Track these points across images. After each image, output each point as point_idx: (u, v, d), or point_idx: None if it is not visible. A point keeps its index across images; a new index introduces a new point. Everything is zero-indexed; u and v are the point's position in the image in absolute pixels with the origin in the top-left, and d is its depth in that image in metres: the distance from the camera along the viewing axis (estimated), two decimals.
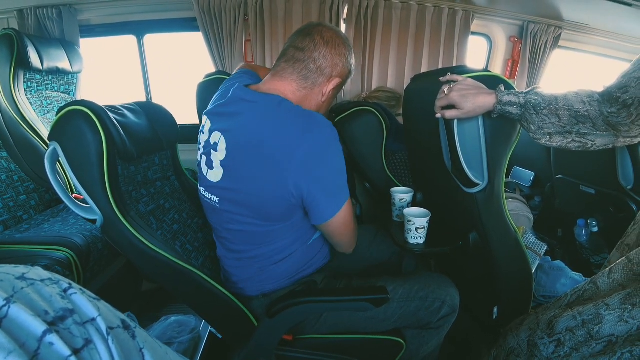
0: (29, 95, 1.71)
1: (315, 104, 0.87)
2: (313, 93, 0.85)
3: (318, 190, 0.76)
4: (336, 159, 0.76)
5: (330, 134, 0.75)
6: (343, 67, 0.86)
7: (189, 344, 1.25)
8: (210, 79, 1.46)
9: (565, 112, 0.74)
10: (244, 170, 0.76)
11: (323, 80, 0.84)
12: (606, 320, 0.71)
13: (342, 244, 0.89)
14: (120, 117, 0.78)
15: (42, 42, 1.72)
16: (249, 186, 0.76)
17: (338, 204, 0.80)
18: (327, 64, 0.83)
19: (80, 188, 0.70)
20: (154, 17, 2.06)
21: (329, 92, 0.87)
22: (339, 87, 0.89)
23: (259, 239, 0.84)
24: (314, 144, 0.73)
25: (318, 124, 0.75)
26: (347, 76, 0.90)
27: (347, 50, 0.87)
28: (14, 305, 0.26)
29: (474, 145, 0.85)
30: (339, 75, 0.86)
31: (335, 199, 0.79)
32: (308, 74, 0.83)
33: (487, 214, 0.91)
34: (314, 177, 0.74)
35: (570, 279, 1.39)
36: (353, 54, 0.89)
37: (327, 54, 0.83)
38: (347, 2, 1.93)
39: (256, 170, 0.74)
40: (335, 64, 0.84)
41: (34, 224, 1.42)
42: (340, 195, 0.80)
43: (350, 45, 0.88)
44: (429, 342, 0.95)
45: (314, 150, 0.73)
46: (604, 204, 1.43)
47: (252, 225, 0.81)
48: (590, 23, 1.98)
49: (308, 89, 0.84)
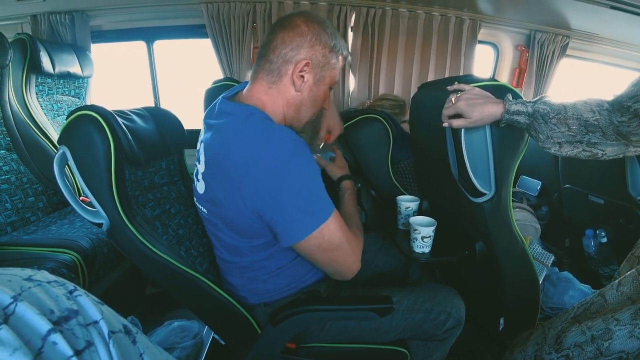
0: (40, 99, 1.74)
1: (291, 98, 0.79)
2: (282, 85, 0.78)
3: (278, 212, 0.69)
4: (296, 176, 0.68)
5: (288, 150, 0.68)
6: (310, 47, 0.76)
7: (192, 349, 1.25)
8: (218, 85, 1.48)
9: (574, 121, 0.74)
10: (215, 185, 0.75)
11: (289, 68, 0.77)
12: (616, 336, 0.69)
13: (331, 270, 0.80)
14: (128, 122, 0.79)
15: (54, 47, 1.76)
16: (221, 202, 0.74)
17: (307, 225, 0.71)
18: (288, 48, 0.76)
19: (88, 192, 0.71)
20: (163, 24, 2.10)
21: (307, 81, 0.78)
22: (318, 72, 0.79)
23: (243, 251, 0.81)
24: (268, 163, 0.67)
25: (273, 140, 0.69)
26: (323, 57, 0.78)
27: (315, 28, 0.77)
28: (21, 303, 0.27)
29: (482, 155, 0.84)
30: (306, 57, 0.76)
31: (302, 219, 0.70)
32: (271, 66, 0.77)
33: (493, 223, 0.90)
34: (272, 199, 0.68)
35: (579, 290, 1.36)
36: (330, 33, 0.79)
37: (285, 37, 0.76)
38: (355, 11, 1.95)
39: (221, 188, 0.73)
40: (297, 45, 0.76)
41: (42, 226, 1.43)
42: (309, 214, 0.70)
43: (323, 23, 0.78)
44: (434, 354, 0.93)
45: (268, 170, 0.67)
46: (613, 215, 1.41)
47: (233, 239, 0.80)
48: (599, 32, 1.97)
49: (276, 83, 0.78)
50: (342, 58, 0.83)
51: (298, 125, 0.85)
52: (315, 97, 0.82)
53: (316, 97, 0.82)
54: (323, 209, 0.73)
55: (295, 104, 0.81)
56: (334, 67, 0.82)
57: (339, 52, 0.81)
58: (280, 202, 0.68)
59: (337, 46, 0.80)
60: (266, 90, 0.79)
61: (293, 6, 1.93)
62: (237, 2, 1.90)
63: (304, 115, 0.84)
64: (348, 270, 0.80)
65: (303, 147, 0.71)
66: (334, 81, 0.85)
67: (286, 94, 0.79)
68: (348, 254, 0.78)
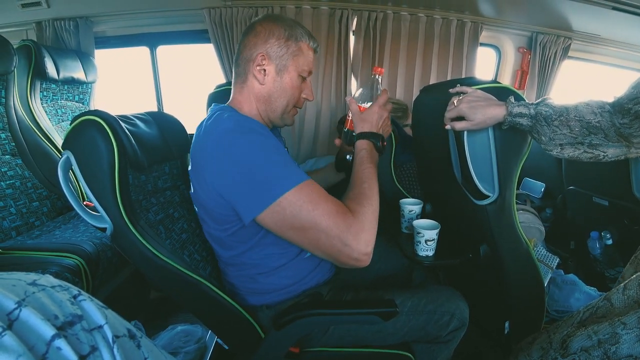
0: (44, 104, 1.75)
1: (258, 92, 0.84)
2: (249, 82, 0.85)
3: (234, 189, 0.71)
4: (244, 151, 0.69)
5: (232, 128, 0.72)
6: (264, 41, 0.81)
7: (195, 353, 1.25)
8: (221, 89, 1.48)
9: (576, 123, 0.73)
10: (194, 180, 0.80)
11: (250, 65, 0.83)
12: (623, 340, 0.68)
13: (322, 254, 0.72)
14: (132, 127, 0.79)
15: (58, 53, 1.77)
16: (198, 193, 0.79)
17: (262, 198, 0.69)
18: (247, 49, 0.83)
19: (92, 196, 0.71)
20: (166, 29, 2.12)
21: (269, 73, 0.83)
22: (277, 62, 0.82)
23: (226, 243, 0.83)
24: (217, 143, 0.72)
25: (220, 124, 0.74)
26: (279, 48, 0.82)
27: (269, 25, 0.82)
28: (25, 308, 0.27)
29: (485, 157, 0.84)
30: (261, 51, 0.82)
31: (255, 192, 0.69)
32: (239, 69, 0.86)
33: (497, 226, 0.89)
34: (226, 178, 0.71)
35: (584, 293, 1.35)
36: (286, 25, 0.83)
37: (245, 41, 0.84)
38: (356, 15, 1.96)
39: (196, 180, 0.78)
40: (254, 44, 0.82)
41: (46, 231, 1.44)
42: (263, 187, 0.69)
43: (278, 19, 0.84)
44: (438, 356, 0.92)
45: (217, 151, 0.71)
46: (618, 216, 1.40)
47: (215, 230, 0.82)
48: (600, 33, 1.97)
49: (245, 82, 0.85)
50: (304, 45, 0.85)
51: (274, 116, 0.88)
52: (283, 86, 0.85)
53: (284, 86, 0.85)
54: (281, 180, 0.69)
55: (263, 97, 0.85)
56: (295, 54, 0.84)
57: (298, 40, 0.84)
58: (233, 179, 0.70)
59: (293, 35, 0.83)
60: (240, 91, 0.86)
61: (295, 11, 1.94)
62: (239, 7, 1.91)
63: (277, 106, 0.86)
64: (342, 255, 0.69)
65: (251, 124, 0.74)
66: (304, 68, 0.86)
67: (253, 89, 0.85)
68: (333, 233, 0.68)
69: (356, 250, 0.68)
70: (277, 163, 0.71)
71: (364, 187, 0.78)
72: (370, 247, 0.70)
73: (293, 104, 0.89)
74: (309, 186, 0.70)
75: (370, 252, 0.70)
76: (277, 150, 0.73)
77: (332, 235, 0.68)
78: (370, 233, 0.71)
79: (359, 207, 0.73)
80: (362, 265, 0.70)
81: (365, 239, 0.69)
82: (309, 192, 0.69)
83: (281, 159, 0.71)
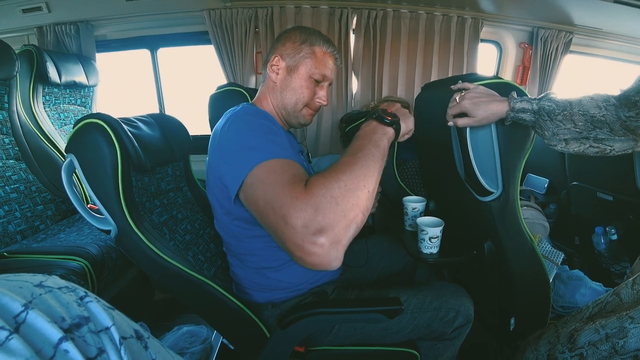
0: (47, 109, 1.76)
1: (272, 87, 0.92)
2: (267, 80, 0.93)
3: (224, 163, 0.71)
4: (237, 129, 0.71)
5: (236, 114, 0.76)
6: (282, 45, 0.90)
7: (201, 354, 1.25)
8: (222, 90, 1.49)
9: (580, 118, 0.73)
10: (208, 164, 0.82)
11: (268, 66, 0.92)
12: (631, 334, 0.68)
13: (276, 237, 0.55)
14: (134, 129, 0.79)
15: (60, 57, 1.78)
16: (209, 178, 0.83)
17: (239, 172, 0.63)
18: (269, 53, 0.93)
19: (95, 199, 0.71)
20: (167, 32, 2.12)
21: (280, 71, 0.90)
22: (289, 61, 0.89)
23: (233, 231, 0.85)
24: (226, 121, 0.76)
25: (237, 108, 0.80)
26: (293, 50, 0.89)
27: (289, 33, 0.91)
28: (32, 311, 0.27)
29: (488, 153, 0.83)
30: (277, 53, 0.90)
31: (235, 166, 0.65)
32: (264, 72, 0.95)
33: (502, 222, 0.89)
34: (221, 155, 0.73)
35: (590, 288, 1.34)
36: (304, 32, 0.90)
37: (270, 48, 0.94)
38: (356, 13, 1.95)
39: (208, 164, 0.81)
40: (274, 49, 0.92)
41: (51, 234, 1.45)
42: (240, 162, 0.63)
43: (299, 28, 0.92)
44: (444, 353, 0.92)
45: (224, 126, 0.75)
46: (623, 211, 1.39)
47: (223, 216, 0.84)
48: (602, 27, 1.96)
49: (264, 81, 0.94)
50: (317, 49, 0.89)
51: (285, 113, 0.93)
52: (293, 85, 0.90)
53: (293, 85, 0.90)
54: (256, 153, 0.63)
55: (274, 91, 0.92)
56: (307, 56, 0.89)
57: (312, 44, 0.89)
58: (223, 155, 0.72)
59: (307, 40, 0.89)
60: (261, 90, 0.95)
61: (294, 11, 1.94)
62: (239, 8, 1.91)
63: (287, 102, 0.91)
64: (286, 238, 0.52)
65: (258, 110, 0.80)
66: (316, 71, 0.89)
67: (268, 86, 0.93)
68: (275, 205, 0.54)
69: (299, 233, 0.51)
70: (260, 139, 0.65)
71: (341, 162, 0.60)
72: (324, 236, 0.50)
73: (303, 103, 0.91)
74: (281, 161, 0.61)
75: (325, 244, 0.51)
76: (269, 130, 0.69)
77: (275, 208, 0.54)
78: (324, 215, 0.51)
79: (319, 179, 0.55)
80: (312, 262, 0.52)
81: (313, 220, 0.51)
82: (277, 166, 0.60)
83: (267, 137, 0.66)
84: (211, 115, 1.50)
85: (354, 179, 0.56)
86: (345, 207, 0.53)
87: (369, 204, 0.56)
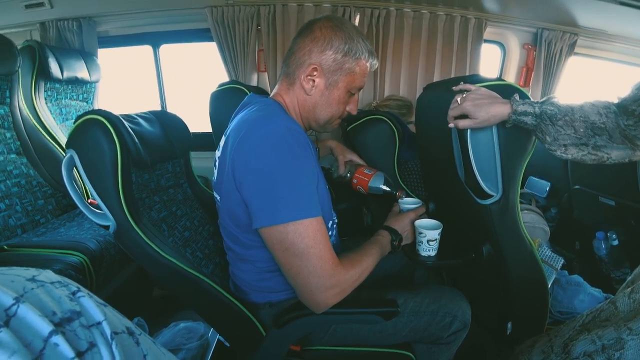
0: (49, 104, 1.77)
1: (303, 100, 0.83)
2: (296, 87, 0.83)
3: (255, 191, 0.69)
4: (280, 162, 0.68)
5: (279, 135, 0.69)
6: (321, 52, 0.78)
7: (198, 350, 1.25)
8: (224, 88, 1.48)
9: (581, 124, 0.72)
10: (220, 165, 0.79)
11: (300, 72, 0.81)
12: (629, 346, 0.66)
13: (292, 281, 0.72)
14: (135, 126, 0.80)
15: (62, 53, 1.78)
16: (221, 180, 0.78)
17: (274, 214, 0.68)
18: (301, 53, 0.80)
19: (95, 194, 0.72)
20: (169, 28, 2.12)
21: (317, 85, 0.81)
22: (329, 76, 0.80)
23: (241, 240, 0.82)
24: (258, 143, 0.69)
25: (270, 124, 0.71)
26: (335, 62, 0.79)
27: (328, 33, 0.78)
28: (23, 304, 0.27)
29: (488, 156, 0.83)
30: (315, 62, 0.79)
31: (271, 204, 0.68)
32: (288, 69, 0.83)
33: (501, 226, 0.88)
34: (252, 178, 0.69)
35: (589, 294, 1.34)
36: (346, 37, 0.79)
37: (301, 43, 0.80)
38: (359, 12, 1.94)
39: (222, 167, 0.77)
40: (309, 50, 0.79)
41: (51, 228, 1.46)
42: (283, 205, 0.67)
43: (338, 28, 0.79)
44: (439, 357, 0.92)
45: (256, 150, 0.69)
46: (625, 217, 1.38)
47: (231, 226, 0.81)
48: (607, 29, 1.94)
49: (292, 85, 0.83)
50: (362, 63, 0.82)
51: (316, 125, 0.89)
52: (329, 100, 0.84)
53: (330, 101, 0.84)
54: (298, 207, 0.68)
55: (307, 106, 0.84)
56: (350, 71, 0.81)
57: (357, 57, 0.81)
58: (259, 182, 0.69)
59: (352, 50, 0.80)
60: (286, 91, 0.85)
61: (297, 9, 1.94)
62: (241, 5, 1.91)
63: (320, 117, 0.86)
64: (309, 293, 0.70)
65: (301, 138, 0.71)
66: (354, 86, 0.85)
67: (299, 96, 0.84)
68: (315, 273, 0.69)
69: (322, 299, 0.71)
70: (302, 189, 0.69)
71: (363, 259, 0.81)
72: (332, 304, 0.73)
73: (338, 117, 0.88)
74: (318, 224, 0.70)
75: (328, 307, 0.73)
76: (309, 177, 0.71)
77: (315, 275, 0.69)
78: (343, 294, 0.73)
79: (351, 268, 0.75)
80: (313, 310, 0.74)
81: (335, 295, 0.72)
82: (315, 229, 0.69)
83: (307, 187, 0.70)
84: (212, 112, 1.50)
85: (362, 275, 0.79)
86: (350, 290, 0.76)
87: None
